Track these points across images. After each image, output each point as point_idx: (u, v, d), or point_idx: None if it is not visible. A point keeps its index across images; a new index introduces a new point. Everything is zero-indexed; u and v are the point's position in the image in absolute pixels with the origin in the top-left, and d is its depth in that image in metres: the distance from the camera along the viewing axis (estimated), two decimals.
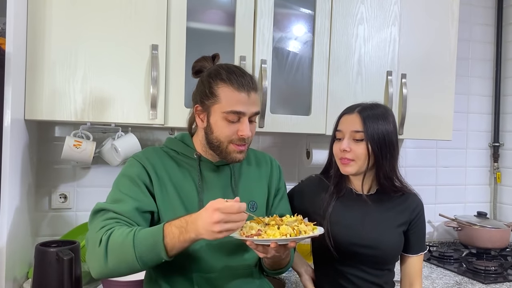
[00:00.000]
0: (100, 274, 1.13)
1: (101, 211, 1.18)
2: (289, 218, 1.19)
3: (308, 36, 1.92)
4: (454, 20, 2.16)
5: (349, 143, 1.37)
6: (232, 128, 1.23)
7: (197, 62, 1.34)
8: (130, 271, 1.13)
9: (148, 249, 1.07)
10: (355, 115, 1.39)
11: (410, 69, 2.06)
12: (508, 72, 2.70)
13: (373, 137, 1.35)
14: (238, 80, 1.22)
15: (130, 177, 1.23)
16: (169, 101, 1.67)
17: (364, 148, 1.36)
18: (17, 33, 1.45)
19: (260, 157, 1.45)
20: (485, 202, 2.75)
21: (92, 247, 1.13)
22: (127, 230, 1.11)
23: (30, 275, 1.55)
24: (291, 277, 1.89)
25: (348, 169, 1.39)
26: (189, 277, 1.25)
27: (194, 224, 1.05)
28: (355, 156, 1.37)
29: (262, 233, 1.11)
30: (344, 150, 1.37)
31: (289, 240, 1.10)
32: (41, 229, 1.88)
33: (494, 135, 2.73)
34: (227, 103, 1.21)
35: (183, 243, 1.07)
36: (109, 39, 1.60)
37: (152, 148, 1.34)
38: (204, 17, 1.78)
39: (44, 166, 1.87)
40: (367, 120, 1.36)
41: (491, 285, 1.88)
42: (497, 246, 2.31)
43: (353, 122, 1.38)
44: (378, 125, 1.36)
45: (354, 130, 1.37)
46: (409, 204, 1.45)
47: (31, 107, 1.54)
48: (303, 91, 1.92)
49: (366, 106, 1.41)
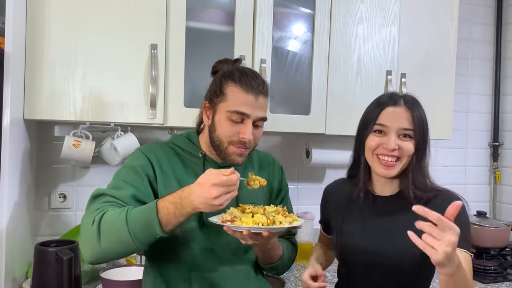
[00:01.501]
0: (93, 255, 1.11)
1: (99, 196, 1.17)
2: (271, 208, 1.18)
3: (307, 35, 1.92)
4: (453, 19, 2.16)
5: (396, 140, 1.21)
6: (234, 129, 1.21)
7: (218, 63, 1.34)
8: (124, 251, 1.11)
9: (142, 225, 1.06)
10: (404, 110, 1.23)
11: (409, 68, 2.05)
12: (507, 71, 2.70)
13: (420, 134, 1.22)
14: (248, 82, 1.21)
15: (133, 167, 1.22)
16: (169, 100, 1.67)
17: (412, 145, 1.21)
18: (16, 32, 1.45)
19: (263, 159, 1.44)
20: (484, 202, 2.75)
21: (85, 228, 1.12)
22: (120, 209, 1.11)
23: (30, 275, 1.55)
24: (290, 277, 1.89)
25: (392, 171, 1.22)
26: (187, 276, 1.24)
27: (188, 199, 1.05)
28: (402, 154, 1.21)
29: (237, 220, 1.11)
30: (393, 150, 1.20)
31: (261, 229, 1.09)
32: (41, 228, 1.88)
33: (494, 135, 2.72)
34: (233, 103, 1.21)
35: (179, 217, 1.06)
36: (109, 39, 1.60)
37: (158, 142, 1.34)
38: (204, 17, 1.78)
39: (43, 165, 1.87)
40: (416, 114, 1.22)
41: (491, 284, 1.89)
42: (497, 245, 2.31)
43: (402, 117, 1.22)
44: (422, 118, 1.23)
45: (403, 127, 1.21)
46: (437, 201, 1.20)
47: (31, 106, 1.54)
48: (302, 91, 1.91)
49: (406, 97, 1.26)
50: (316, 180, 2.31)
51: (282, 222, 1.13)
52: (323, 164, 2.19)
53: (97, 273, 1.57)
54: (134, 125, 1.78)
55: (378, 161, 1.23)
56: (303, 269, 2.03)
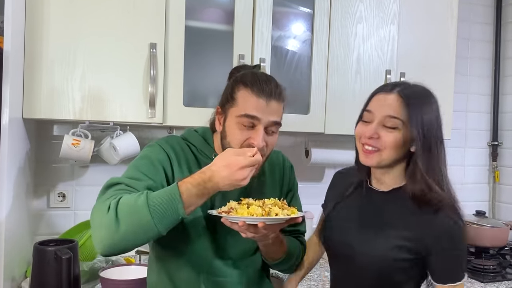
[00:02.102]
0: (110, 244, 1.02)
1: (114, 185, 1.12)
2: (270, 201, 1.15)
3: (307, 34, 1.92)
4: (453, 18, 2.16)
5: (377, 129, 1.12)
6: (244, 135, 1.15)
7: (236, 68, 1.30)
8: (144, 236, 1.03)
9: (165, 207, 1.01)
10: (394, 96, 1.12)
11: (409, 67, 2.05)
12: (507, 70, 2.70)
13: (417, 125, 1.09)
14: (260, 85, 1.15)
15: (151, 160, 1.18)
16: (168, 100, 1.67)
17: (395, 137, 1.10)
18: (15, 31, 1.45)
19: (273, 158, 1.38)
20: (483, 201, 2.75)
21: (98, 218, 1.04)
22: (137, 194, 1.05)
23: (29, 274, 1.55)
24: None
25: (369, 160, 1.15)
26: (197, 277, 1.23)
27: (212, 182, 1.02)
28: (382, 145, 1.12)
29: (232, 211, 1.10)
30: (370, 137, 1.13)
31: (256, 219, 1.06)
32: (40, 228, 1.88)
33: (493, 134, 2.73)
34: (242, 107, 1.15)
35: (201, 199, 1.04)
36: (108, 38, 1.60)
37: (176, 138, 1.28)
38: (203, 16, 1.78)
39: (42, 165, 1.87)
40: (410, 104, 1.10)
41: (490, 284, 1.89)
42: (496, 245, 2.31)
43: (390, 104, 1.12)
44: (422, 111, 1.10)
45: (389, 115, 1.11)
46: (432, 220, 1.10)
47: (30, 105, 1.54)
48: (302, 90, 1.91)
49: (407, 86, 1.16)
50: (315, 180, 2.31)
51: (278, 214, 1.09)
52: (323, 164, 2.19)
53: (96, 273, 1.57)
54: (133, 124, 1.77)
55: (362, 148, 1.17)
56: None
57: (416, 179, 1.12)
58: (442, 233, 1.10)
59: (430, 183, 1.11)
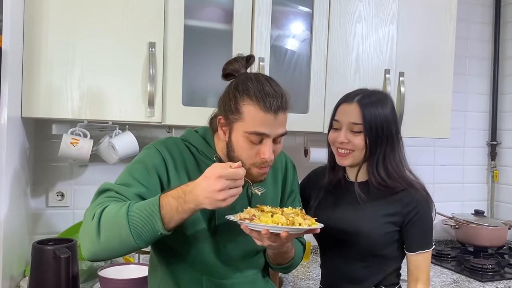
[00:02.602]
0: (92, 252, 1.04)
1: (105, 191, 1.12)
2: (289, 210, 1.16)
3: (306, 34, 1.92)
4: (452, 18, 2.16)
5: (346, 134, 1.34)
6: (253, 150, 1.14)
7: (228, 64, 1.23)
8: (123, 247, 1.03)
9: (143, 221, 1.00)
10: (355, 105, 1.33)
11: (408, 67, 2.06)
12: (505, 70, 2.70)
13: (371, 128, 1.31)
14: (266, 98, 1.11)
15: (145, 165, 1.16)
16: (167, 99, 1.67)
17: (362, 139, 1.32)
18: (14, 30, 1.45)
19: (276, 160, 1.34)
20: (482, 200, 2.76)
21: (85, 223, 1.06)
22: (121, 203, 1.04)
23: (27, 273, 1.55)
24: (288, 276, 1.89)
25: (345, 161, 1.37)
26: (200, 279, 1.22)
27: (192, 194, 0.99)
28: (354, 147, 1.34)
29: (256, 219, 1.09)
30: (342, 142, 1.34)
31: (281, 229, 1.05)
32: (38, 227, 1.88)
33: (492, 134, 2.73)
34: (251, 123, 1.12)
35: (181, 214, 1.00)
36: (106, 37, 1.59)
37: (173, 139, 1.26)
38: (202, 15, 1.78)
39: (41, 164, 1.87)
40: (366, 110, 1.31)
41: (488, 283, 1.89)
42: (494, 244, 2.32)
43: (352, 112, 1.33)
44: (376, 113, 1.32)
45: (352, 122, 1.33)
46: (402, 197, 1.35)
47: (28, 104, 1.53)
48: (301, 89, 1.91)
49: (365, 95, 1.36)
50: None
51: (302, 224, 1.10)
52: (322, 163, 2.15)
53: (95, 272, 1.57)
54: (132, 123, 1.77)
55: (336, 152, 1.39)
56: (301, 267, 2.03)
57: (374, 171, 1.35)
58: (411, 203, 1.35)
59: (388, 172, 1.35)
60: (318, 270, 1.98)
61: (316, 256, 2.22)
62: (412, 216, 1.35)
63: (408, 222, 1.36)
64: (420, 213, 1.35)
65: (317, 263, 2.10)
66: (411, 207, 1.35)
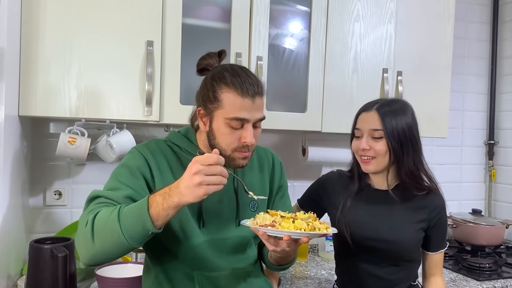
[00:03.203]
0: (88, 257, 1.08)
1: (96, 198, 1.15)
2: (302, 215, 1.17)
3: (304, 33, 1.92)
4: (450, 17, 2.17)
5: (367, 141, 1.38)
6: (235, 135, 1.18)
7: (202, 59, 1.28)
8: (118, 250, 1.07)
9: (134, 222, 1.03)
10: (373, 113, 1.39)
11: (406, 66, 2.06)
12: (503, 70, 2.70)
13: (393, 134, 1.35)
14: (243, 85, 1.17)
15: (129, 167, 1.20)
16: (165, 97, 1.66)
17: (383, 145, 1.36)
18: (11, 28, 1.44)
19: (262, 154, 1.42)
20: (480, 200, 2.76)
21: (79, 230, 1.10)
22: (112, 207, 1.08)
23: (25, 272, 1.55)
24: (286, 274, 1.89)
25: (369, 167, 1.41)
26: (191, 274, 1.24)
27: (176, 187, 1.02)
28: (375, 153, 1.38)
29: (277, 225, 1.09)
30: (364, 149, 1.39)
31: (303, 234, 1.07)
32: (36, 226, 1.87)
33: (489, 133, 2.74)
34: (230, 109, 1.16)
35: (167, 210, 1.02)
36: (104, 35, 1.59)
37: (156, 141, 1.30)
38: (200, 13, 1.77)
39: (38, 162, 1.86)
40: (385, 117, 1.36)
41: (486, 282, 1.89)
42: (492, 243, 2.32)
43: (372, 120, 1.38)
44: (397, 120, 1.36)
45: (372, 128, 1.37)
46: (429, 203, 1.43)
47: (25, 103, 1.53)
48: (299, 88, 1.91)
49: (384, 103, 1.41)
50: (312, 178, 2.27)
51: (321, 229, 1.13)
52: (320, 162, 2.19)
53: (93, 271, 1.57)
54: (130, 122, 1.77)
55: (360, 159, 1.43)
56: (298, 266, 2.03)
57: (405, 174, 1.40)
58: (436, 208, 1.44)
59: (419, 174, 1.42)
60: (315, 268, 1.98)
61: (314, 255, 2.22)
62: (436, 220, 1.45)
63: (433, 226, 1.45)
64: (442, 217, 1.46)
65: (314, 262, 2.10)
66: (436, 212, 1.44)
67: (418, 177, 1.42)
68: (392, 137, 1.35)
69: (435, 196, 1.45)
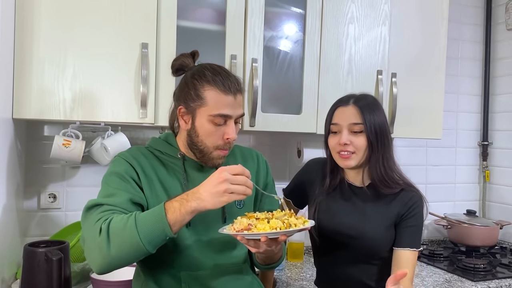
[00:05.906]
0: (103, 265, 1.09)
1: (95, 206, 1.15)
2: (279, 213, 1.18)
3: (299, 35, 1.92)
4: (443, 19, 2.18)
5: (348, 136, 1.36)
6: (218, 132, 1.22)
7: (176, 60, 1.31)
8: (135, 255, 1.09)
9: (152, 228, 1.05)
10: (352, 107, 1.37)
11: (400, 68, 2.07)
12: (497, 71, 2.72)
13: (371, 128, 1.34)
14: (225, 82, 1.21)
15: (118, 174, 1.21)
16: (159, 100, 1.66)
17: (364, 140, 1.35)
18: (4, 30, 1.44)
19: (246, 153, 1.43)
20: (474, 200, 2.78)
21: (91, 240, 1.10)
22: (126, 215, 1.09)
23: (19, 276, 1.54)
24: (282, 276, 1.89)
25: (349, 162, 1.38)
26: (177, 275, 1.24)
27: (195, 193, 1.06)
28: (356, 148, 1.36)
29: (252, 228, 1.10)
30: (344, 144, 1.36)
31: (279, 233, 1.09)
32: (30, 229, 1.86)
33: (483, 134, 2.75)
34: (214, 107, 1.20)
35: (184, 215, 1.06)
36: (99, 37, 1.59)
37: (137, 147, 1.33)
38: (195, 16, 1.77)
39: (32, 165, 1.86)
40: (364, 111, 1.35)
41: (480, 282, 1.90)
42: (486, 243, 2.33)
43: (350, 114, 1.36)
44: (374, 115, 1.36)
45: (352, 122, 1.36)
46: (402, 197, 1.40)
47: (20, 105, 1.52)
48: (293, 90, 1.92)
49: (359, 97, 1.40)
50: None
51: (297, 225, 1.13)
52: None
53: (87, 274, 1.56)
54: (125, 124, 1.77)
55: (338, 155, 1.40)
56: (294, 268, 2.03)
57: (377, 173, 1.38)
58: (411, 203, 1.39)
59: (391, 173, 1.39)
60: (311, 270, 1.99)
61: (309, 257, 2.22)
62: (408, 213, 1.39)
63: (403, 219, 1.39)
64: (415, 211, 1.40)
65: (310, 264, 2.10)
66: (409, 205, 1.39)
67: (388, 173, 1.39)
68: (371, 131, 1.34)
69: (411, 192, 1.40)
